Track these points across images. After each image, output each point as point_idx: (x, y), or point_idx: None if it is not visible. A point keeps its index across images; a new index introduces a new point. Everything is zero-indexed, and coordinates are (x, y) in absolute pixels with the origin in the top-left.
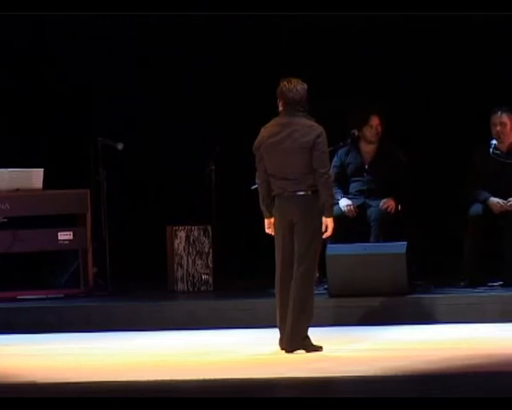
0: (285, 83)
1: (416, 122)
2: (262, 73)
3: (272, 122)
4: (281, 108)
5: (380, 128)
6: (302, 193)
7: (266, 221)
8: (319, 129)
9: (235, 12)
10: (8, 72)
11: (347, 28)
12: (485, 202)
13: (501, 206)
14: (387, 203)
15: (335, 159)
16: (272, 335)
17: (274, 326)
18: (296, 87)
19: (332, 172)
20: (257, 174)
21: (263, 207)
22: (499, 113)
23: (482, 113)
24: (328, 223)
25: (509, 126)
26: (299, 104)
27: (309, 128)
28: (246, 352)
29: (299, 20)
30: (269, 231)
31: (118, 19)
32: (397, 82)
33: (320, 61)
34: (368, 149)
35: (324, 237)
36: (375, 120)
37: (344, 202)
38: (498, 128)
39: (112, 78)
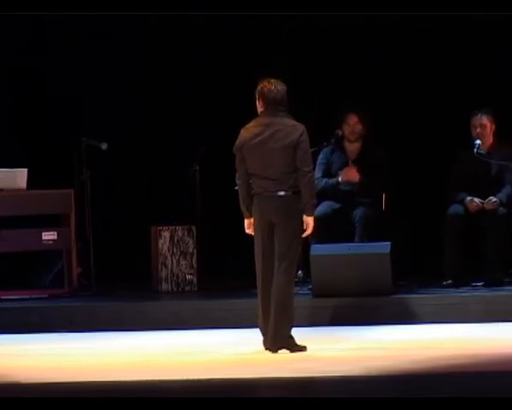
0: (265, 83)
1: (411, 122)
2: (248, 73)
3: (253, 123)
4: (261, 109)
5: (359, 126)
6: (283, 193)
7: (246, 221)
8: (302, 128)
9: (235, 12)
10: None
11: (347, 28)
12: (462, 202)
13: (477, 204)
14: (347, 174)
15: (321, 156)
16: (256, 335)
17: (258, 326)
18: (277, 87)
19: (319, 169)
20: (237, 175)
21: (243, 208)
22: (479, 115)
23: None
24: (309, 222)
25: (488, 128)
26: (280, 104)
27: (292, 128)
28: (230, 352)
29: (299, 20)
30: (249, 231)
31: (105, 19)
32: (395, 82)
33: (320, 61)
34: (351, 148)
35: (304, 235)
36: (352, 119)
37: (341, 175)
38: (478, 130)
39: (96, 78)
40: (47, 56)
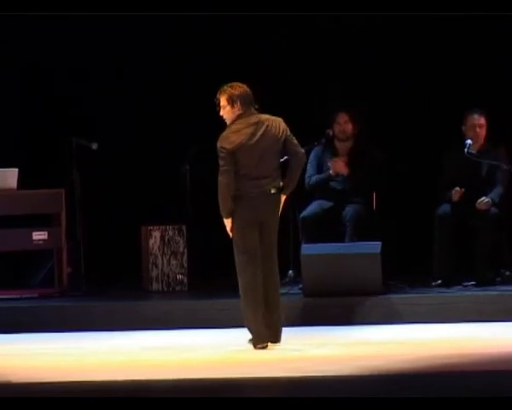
0: (236, 87)
1: (402, 122)
2: (243, 74)
3: (240, 125)
4: (239, 112)
5: (350, 126)
6: (273, 191)
7: (229, 222)
8: (279, 118)
9: (235, 12)
10: None
11: (346, 29)
12: (450, 201)
13: (459, 192)
14: (335, 166)
15: (312, 156)
16: (247, 335)
17: (247, 327)
18: (247, 88)
19: (311, 168)
20: (226, 179)
21: (228, 209)
22: (478, 115)
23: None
24: (283, 200)
25: (485, 128)
26: (254, 103)
27: (275, 121)
28: (221, 352)
29: (299, 20)
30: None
31: (96, 19)
32: (387, 82)
33: (318, 62)
34: (342, 147)
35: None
36: (342, 118)
37: (332, 166)
38: (478, 130)
39: (88, 78)
40: (42, 56)
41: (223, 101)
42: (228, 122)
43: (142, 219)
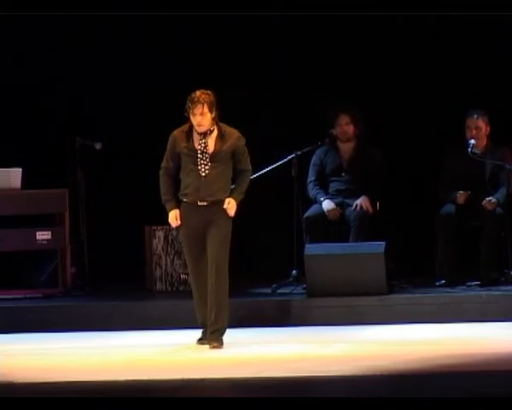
0: (209, 93)
1: (405, 121)
2: (246, 74)
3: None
4: (215, 117)
5: (351, 127)
6: None
7: None
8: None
9: (235, 12)
10: None
11: (345, 29)
12: (454, 202)
13: (465, 196)
14: (361, 205)
15: (314, 158)
16: (251, 334)
17: (252, 326)
18: None
19: (313, 171)
20: None
21: None
22: (475, 116)
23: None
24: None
25: (483, 131)
26: None
27: None
28: (224, 351)
29: (298, 20)
30: None
31: (97, 19)
32: (388, 81)
33: (317, 62)
34: (345, 148)
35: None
36: (343, 119)
37: (326, 206)
38: (474, 132)
39: (91, 78)
40: (43, 56)
41: (204, 108)
42: (204, 129)
43: (145, 219)
